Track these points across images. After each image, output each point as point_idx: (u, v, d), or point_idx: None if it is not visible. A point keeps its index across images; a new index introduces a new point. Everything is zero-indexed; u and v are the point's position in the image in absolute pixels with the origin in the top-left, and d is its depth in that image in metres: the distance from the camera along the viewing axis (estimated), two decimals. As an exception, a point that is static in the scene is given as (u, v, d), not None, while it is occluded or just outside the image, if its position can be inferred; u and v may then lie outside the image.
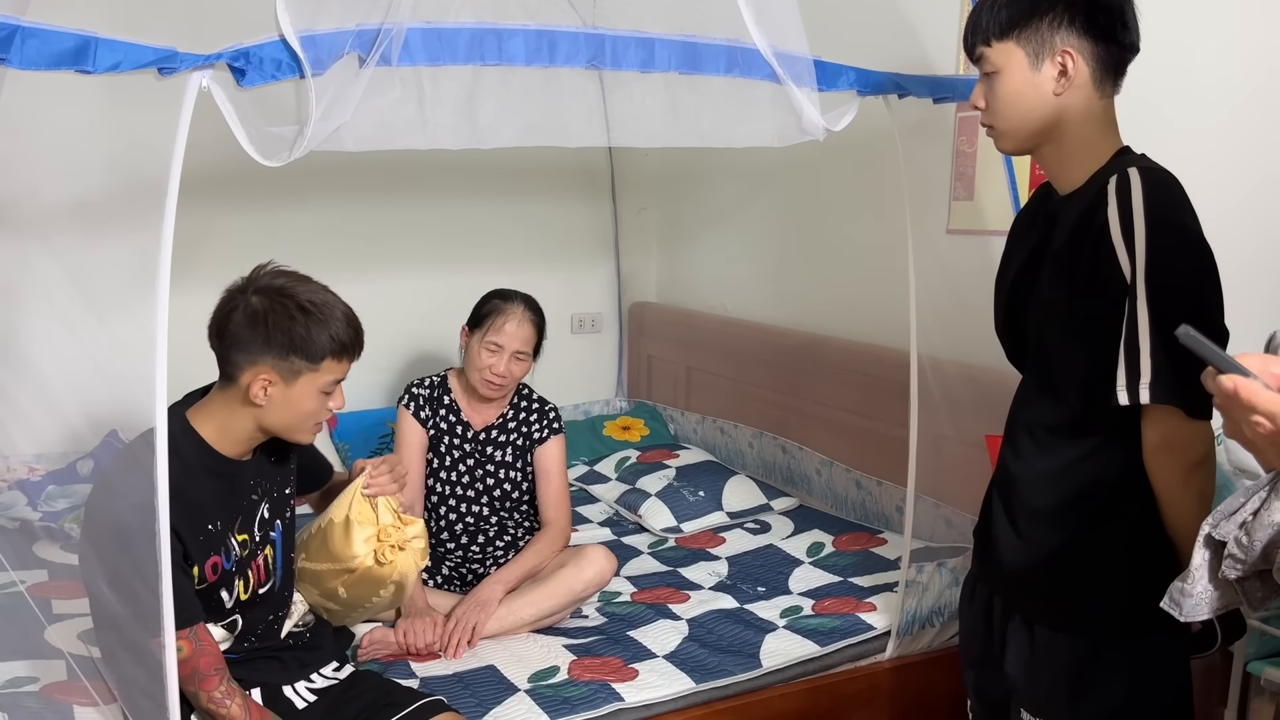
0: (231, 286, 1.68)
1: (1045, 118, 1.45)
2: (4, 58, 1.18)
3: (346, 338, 1.67)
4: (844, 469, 2.97)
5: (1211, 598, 1.13)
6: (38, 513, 2.72)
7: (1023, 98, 1.45)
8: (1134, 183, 1.35)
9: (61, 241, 2.66)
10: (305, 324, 1.62)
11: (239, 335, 1.62)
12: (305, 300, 1.64)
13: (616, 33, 1.64)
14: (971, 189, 2.57)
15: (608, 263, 3.88)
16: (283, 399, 1.65)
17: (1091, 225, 1.38)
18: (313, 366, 1.64)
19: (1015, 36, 1.43)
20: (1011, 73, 1.45)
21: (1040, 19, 1.42)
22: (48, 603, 2.10)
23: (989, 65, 1.47)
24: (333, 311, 1.67)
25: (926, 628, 2.28)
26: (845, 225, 3.03)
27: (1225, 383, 0.94)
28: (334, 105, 1.41)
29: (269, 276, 1.68)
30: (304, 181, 3.02)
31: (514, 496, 2.46)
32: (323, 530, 1.89)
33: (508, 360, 2.35)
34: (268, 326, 1.61)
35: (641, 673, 2.06)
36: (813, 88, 1.81)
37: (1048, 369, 1.50)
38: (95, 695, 1.64)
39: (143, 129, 1.75)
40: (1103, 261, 1.35)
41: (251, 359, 1.62)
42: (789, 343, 3.14)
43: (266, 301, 1.63)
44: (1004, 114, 1.48)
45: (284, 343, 1.61)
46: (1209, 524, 1.11)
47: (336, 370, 1.68)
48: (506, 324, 2.37)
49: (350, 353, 1.70)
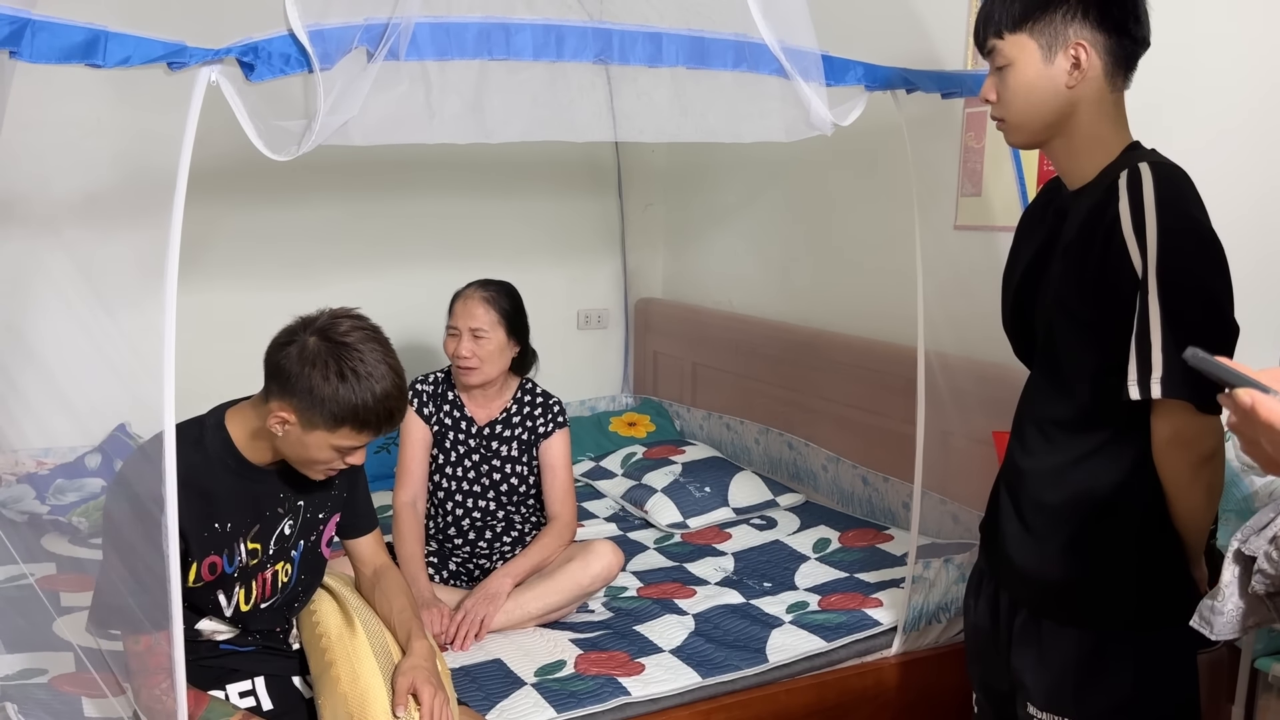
0: (308, 315, 1.64)
1: (1057, 110, 1.44)
2: (15, 51, 1.18)
3: (373, 416, 1.59)
4: (850, 465, 2.97)
5: (1241, 614, 1.11)
6: (46, 506, 2.73)
7: (1035, 90, 1.44)
8: (1145, 177, 1.35)
9: (71, 235, 2.67)
10: (338, 387, 1.56)
11: (281, 364, 1.59)
12: (354, 364, 1.58)
13: (624, 27, 1.63)
14: (979, 184, 2.56)
15: (614, 259, 3.88)
16: (297, 439, 1.61)
17: (1102, 220, 1.38)
18: (329, 428, 1.59)
19: (1029, 29, 1.43)
20: (1024, 65, 1.44)
21: (1054, 11, 1.41)
22: (56, 595, 2.11)
23: (1001, 58, 1.46)
24: (373, 385, 1.58)
25: (933, 623, 2.27)
26: (852, 220, 3.02)
27: (1242, 398, 0.87)
28: (342, 99, 1.41)
29: (341, 322, 1.63)
30: (311, 176, 3.03)
31: (520, 491, 2.46)
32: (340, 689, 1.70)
33: (468, 341, 2.36)
34: (304, 373, 1.57)
35: (648, 667, 2.07)
36: (821, 83, 1.81)
37: (1057, 364, 1.50)
38: (104, 687, 1.65)
39: (151, 123, 1.76)
40: (1113, 256, 1.35)
41: (282, 393, 1.59)
42: (795, 338, 3.14)
43: (318, 348, 1.58)
44: (1016, 107, 1.47)
45: (309, 396, 1.57)
46: (1238, 539, 1.08)
47: (353, 439, 1.61)
48: (457, 305, 2.41)
49: (373, 429, 1.62)
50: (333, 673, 1.70)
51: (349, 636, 1.76)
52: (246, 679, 1.75)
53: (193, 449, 1.36)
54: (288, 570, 1.76)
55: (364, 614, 1.83)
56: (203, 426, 1.67)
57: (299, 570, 1.78)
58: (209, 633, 1.72)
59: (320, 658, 1.75)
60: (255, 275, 3.17)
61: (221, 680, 1.72)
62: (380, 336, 1.65)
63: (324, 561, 1.84)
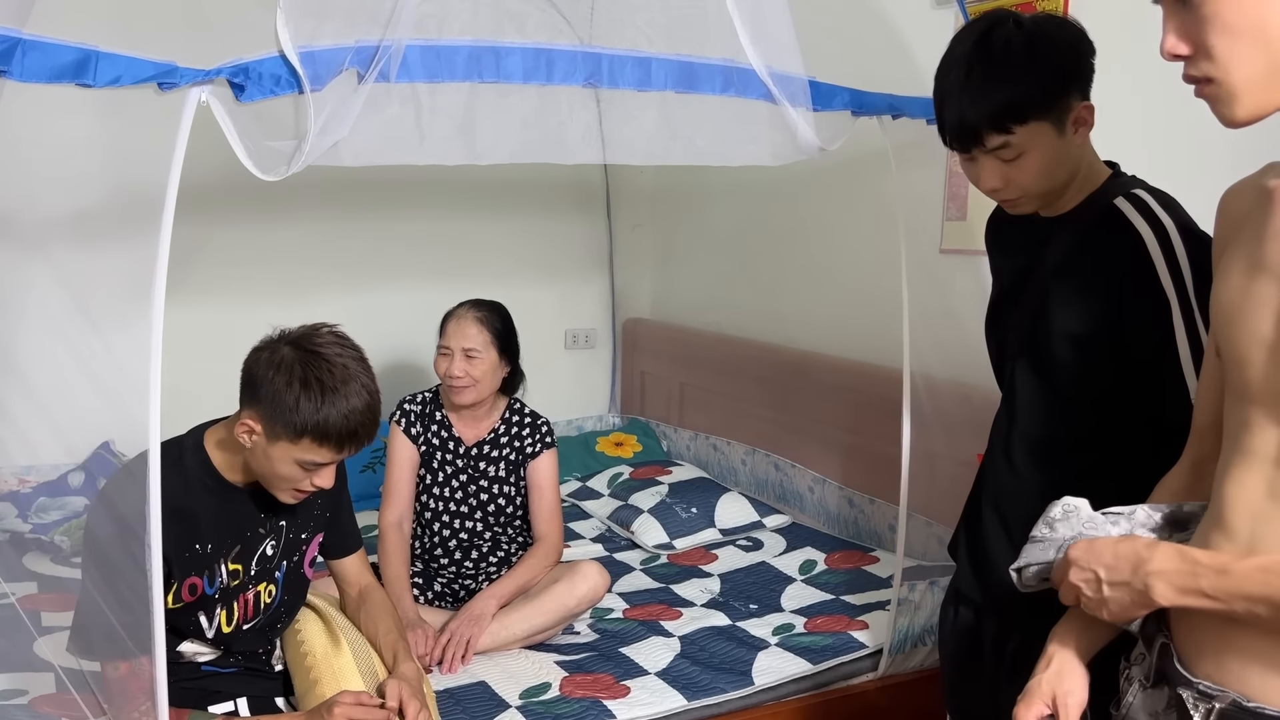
0: (286, 328, 1.62)
1: (1072, 171, 1.45)
2: (5, 70, 1.19)
3: (334, 430, 1.54)
4: (837, 486, 2.97)
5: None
6: (28, 524, 2.71)
7: (1058, 165, 1.42)
8: (1152, 204, 1.38)
9: (58, 252, 2.66)
10: (302, 396, 1.52)
11: (253, 372, 1.58)
12: (321, 375, 1.54)
13: (613, 51, 1.65)
14: (964, 209, 2.59)
15: (602, 279, 3.89)
16: (262, 451, 1.58)
17: (1102, 245, 1.39)
18: (291, 439, 1.55)
19: (1044, 112, 1.38)
20: (1041, 149, 1.39)
21: (1062, 90, 1.39)
22: (37, 615, 2.09)
23: (1012, 150, 1.40)
24: (341, 401, 1.54)
25: (918, 646, 2.27)
26: (839, 243, 3.04)
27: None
28: (332, 121, 1.42)
29: (318, 336, 1.60)
30: (301, 196, 3.03)
31: (507, 511, 2.46)
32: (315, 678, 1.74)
33: (460, 360, 2.36)
34: (271, 380, 1.54)
35: (633, 690, 2.06)
36: (808, 108, 1.83)
37: (1053, 385, 1.50)
38: (85, 708, 1.63)
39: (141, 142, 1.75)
40: (1137, 280, 1.36)
41: (250, 401, 1.58)
42: (782, 360, 3.15)
43: (290, 356, 1.56)
44: (1036, 186, 1.43)
45: (273, 403, 1.54)
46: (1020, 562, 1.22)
47: (316, 454, 1.56)
48: (449, 325, 2.40)
49: (336, 445, 1.56)
50: (318, 691, 1.69)
51: (334, 655, 1.75)
52: (229, 700, 1.74)
53: (172, 470, 1.36)
54: (271, 591, 1.75)
55: (350, 633, 1.82)
56: (181, 447, 1.66)
57: (282, 591, 1.76)
58: (190, 654, 1.71)
59: (305, 676, 1.74)
60: (243, 294, 3.16)
61: (203, 702, 1.71)
62: (359, 355, 1.62)
63: (307, 582, 1.83)
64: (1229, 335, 1.02)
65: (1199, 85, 0.97)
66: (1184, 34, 0.96)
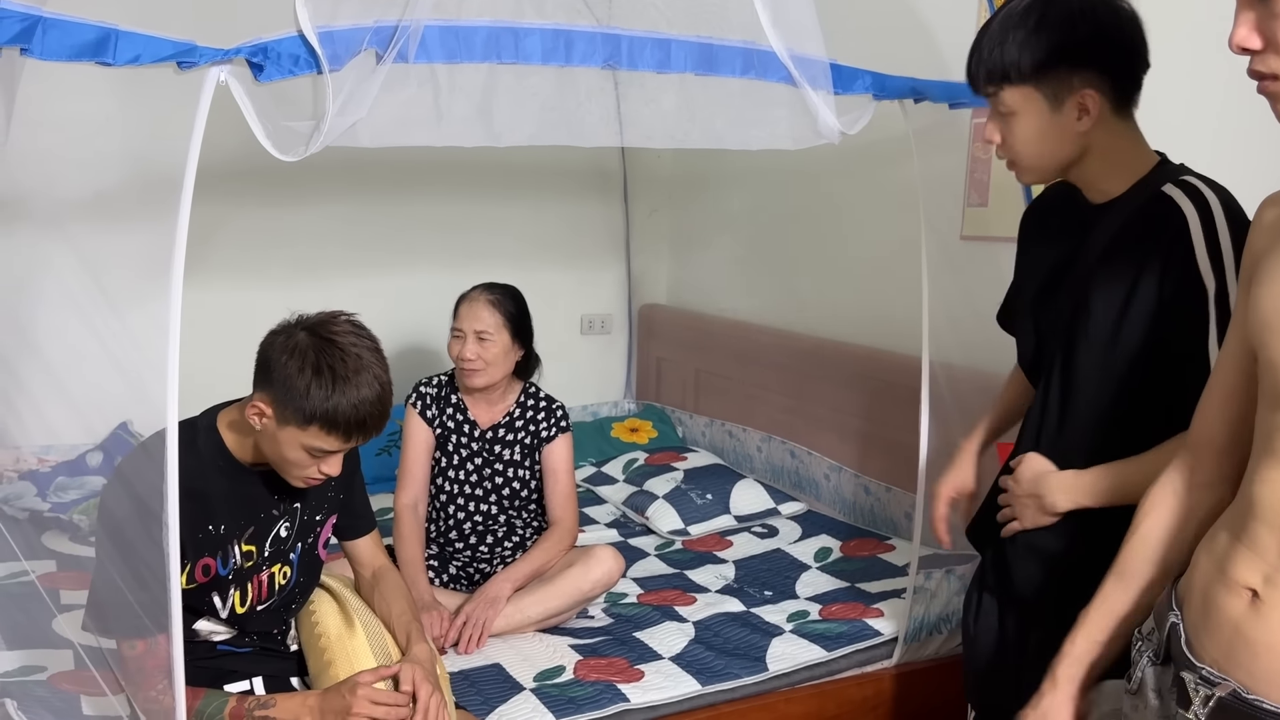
0: (304, 314, 1.62)
1: (1070, 152, 1.43)
2: (26, 48, 1.19)
3: (343, 418, 1.54)
4: (853, 474, 2.96)
5: None
6: (47, 503, 2.73)
7: (1046, 138, 1.42)
8: (1201, 186, 1.37)
9: (77, 233, 2.66)
10: (313, 383, 1.52)
11: (267, 355, 1.58)
12: (334, 363, 1.53)
13: (633, 33, 1.64)
14: (986, 195, 2.56)
15: (618, 264, 3.88)
16: (271, 435, 1.58)
17: (1148, 234, 1.37)
18: (300, 424, 1.55)
19: (1034, 81, 1.39)
20: (1030, 115, 1.41)
21: (1059, 64, 1.38)
22: (56, 593, 2.10)
23: (1003, 106, 1.43)
24: (351, 390, 1.54)
25: (934, 634, 2.27)
26: (858, 230, 3.02)
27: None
28: (350, 101, 1.41)
29: (335, 324, 1.60)
30: (318, 177, 3.04)
31: (522, 495, 2.46)
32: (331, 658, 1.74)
33: (472, 343, 2.35)
34: (284, 365, 1.55)
35: (647, 674, 2.06)
36: (829, 91, 1.81)
37: (1094, 373, 1.48)
38: (103, 685, 1.64)
39: (160, 122, 1.76)
40: (1177, 270, 1.35)
41: (263, 384, 1.58)
42: (799, 347, 3.14)
43: (305, 342, 1.56)
44: (1025, 153, 1.45)
45: (285, 387, 1.54)
46: None
47: (324, 441, 1.56)
48: (462, 307, 2.40)
49: (344, 433, 1.56)
50: (331, 672, 1.69)
51: (348, 636, 1.76)
52: (244, 679, 1.75)
53: (186, 450, 1.36)
54: (286, 573, 1.75)
55: (364, 614, 1.83)
56: (196, 428, 1.66)
57: (297, 573, 1.77)
58: (206, 633, 1.72)
59: (319, 658, 1.75)
60: (260, 275, 3.17)
61: (219, 681, 1.72)
62: (374, 345, 1.62)
63: (320, 563, 1.84)
64: (1270, 342, 1.01)
65: (1263, 81, 0.98)
66: (1258, 28, 0.96)
